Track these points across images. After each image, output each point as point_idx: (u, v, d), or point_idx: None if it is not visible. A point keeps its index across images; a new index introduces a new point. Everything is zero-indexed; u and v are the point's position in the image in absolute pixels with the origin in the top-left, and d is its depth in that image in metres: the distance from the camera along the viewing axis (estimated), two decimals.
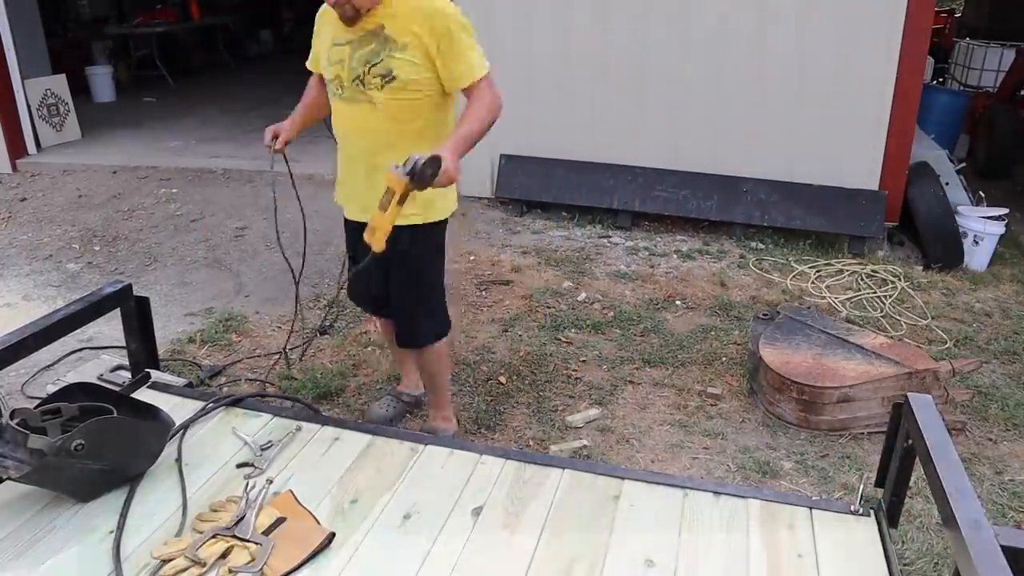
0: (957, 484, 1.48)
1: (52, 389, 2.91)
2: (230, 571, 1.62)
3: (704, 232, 5.40)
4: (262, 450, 2.07)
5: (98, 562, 1.68)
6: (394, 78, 2.41)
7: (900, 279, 4.64)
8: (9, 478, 1.75)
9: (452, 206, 2.74)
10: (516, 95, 5.58)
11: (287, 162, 3.11)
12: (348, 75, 2.47)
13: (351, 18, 2.39)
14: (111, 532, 1.77)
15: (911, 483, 1.94)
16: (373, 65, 2.42)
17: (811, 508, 1.91)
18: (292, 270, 3.29)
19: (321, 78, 2.72)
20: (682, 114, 5.40)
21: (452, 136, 2.37)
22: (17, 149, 6.52)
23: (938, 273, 4.85)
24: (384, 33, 2.40)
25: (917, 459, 1.71)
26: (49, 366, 3.49)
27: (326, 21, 2.58)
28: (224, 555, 1.66)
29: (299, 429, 2.17)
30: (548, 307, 4.27)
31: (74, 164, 6.45)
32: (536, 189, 5.63)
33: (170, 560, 1.66)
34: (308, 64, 2.80)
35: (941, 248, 4.97)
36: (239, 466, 2.02)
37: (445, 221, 2.73)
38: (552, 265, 4.82)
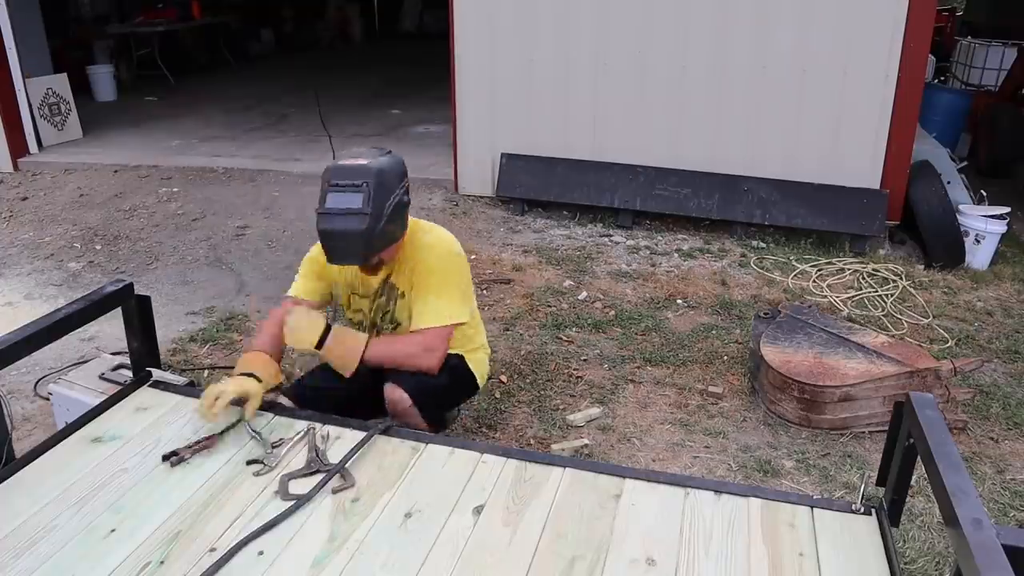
0: (958, 483, 1.48)
1: (54, 388, 2.91)
2: None
3: (705, 231, 5.39)
4: (272, 447, 2.07)
5: (98, 562, 1.68)
6: (399, 324, 2.56)
7: (901, 278, 4.64)
8: None
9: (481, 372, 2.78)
10: (517, 94, 5.61)
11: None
12: (368, 323, 2.62)
13: (374, 268, 2.46)
14: (112, 531, 1.77)
15: (912, 482, 1.93)
16: (384, 314, 2.58)
17: (812, 507, 1.90)
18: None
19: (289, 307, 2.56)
20: (683, 113, 5.40)
21: (375, 340, 2.43)
22: (18, 148, 6.53)
23: (939, 272, 4.85)
24: (390, 283, 2.50)
25: (918, 458, 1.71)
26: (60, 369, 3.49)
27: (338, 269, 2.50)
28: None
29: (311, 428, 2.17)
30: (549, 306, 4.27)
31: (75, 163, 6.46)
32: (537, 188, 5.63)
33: None
34: (292, 291, 2.63)
35: (942, 247, 4.96)
36: (249, 463, 2.02)
37: (469, 372, 2.72)
38: (553, 264, 4.82)
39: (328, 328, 2.33)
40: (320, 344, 2.31)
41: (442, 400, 2.62)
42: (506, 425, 3.25)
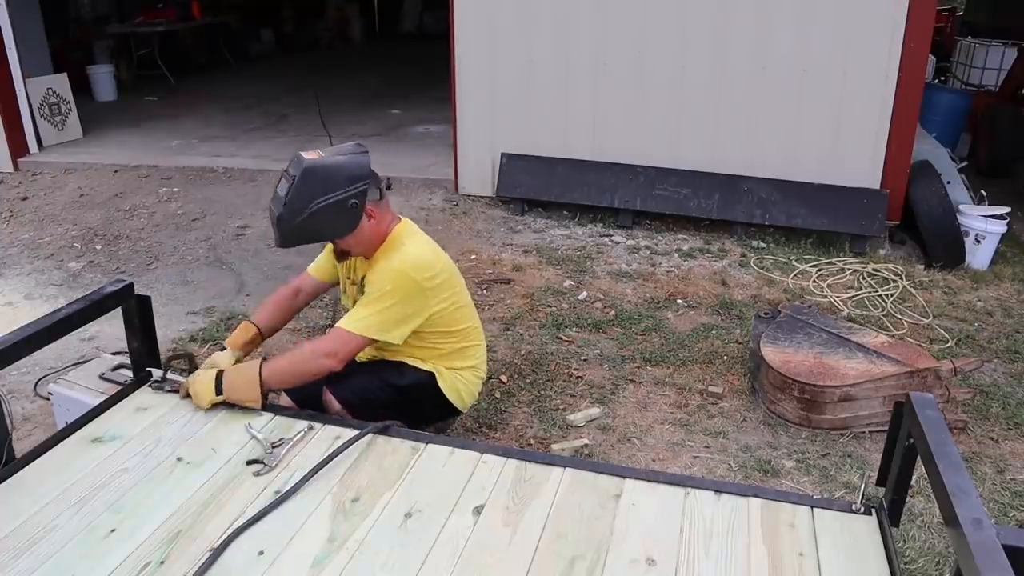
0: (958, 483, 1.48)
1: (54, 388, 2.91)
2: None
3: (705, 231, 5.39)
4: (272, 447, 2.07)
5: (98, 562, 1.68)
6: None
7: (901, 278, 4.64)
8: None
9: (462, 393, 2.74)
10: (517, 94, 5.61)
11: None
12: (350, 303, 2.62)
13: (340, 255, 2.53)
14: (112, 531, 1.77)
15: (912, 482, 1.93)
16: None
17: (812, 507, 1.90)
18: None
19: (300, 287, 2.75)
20: (683, 113, 5.40)
21: (268, 362, 2.37)
22: (19, 148, 6.53)
23: (940, 272, 4.85)
24: (362, 283, 2.51)
25: (919, 458, 1.71)
26: (60, 369, 3.48)
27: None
28: None
29: (311, 428, 2.17)
30: (549, 306, 4.27)
31: (75, 163, 6.46)
32: (537, 188, 5.63)
33: None
34: (312, 271, 2.76)
35: (943, 247, 4.96)
36: (249, 463, 2.02)
37: (443, 397, 2.69)
38: (553, 264, 4.82)
39: (220, 373, 2.28)
40: (219, 390, 2.24)
41: (393, 412, 2.37)
42: (506, 425, 3.25)
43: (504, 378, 3.56)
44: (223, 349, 2.55)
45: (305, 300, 2.78)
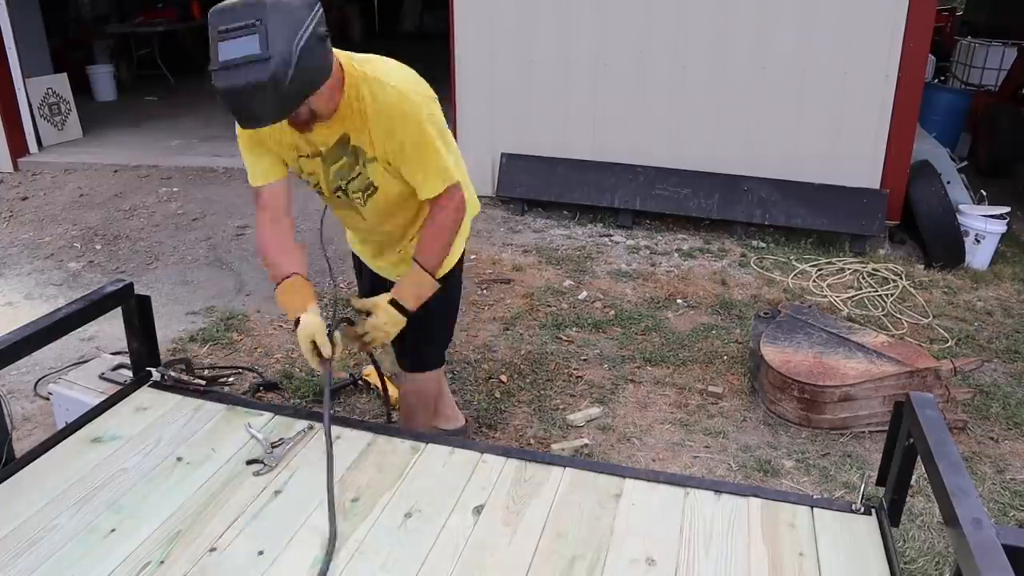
0: (958, 483, 1.48)
1: (54, 388, 2.92)
2: None
3: (705, 231, 5.39)
4: (272, 447, 2.07)
5: (98, 562, 1.68)
6: (376, 189, 2.23)
7: (901, 278, 4.64)
8: None
9: (457, 253, 2.50)
10: (517, 94, 5.60)
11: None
12: (328, 187, 2.27)
13: (304, 123, 2.00)
14: (112, 531, 1.77)
15: (912, 482, 1.93)
16: (350, 180, 2.21)
17: (812, 507, 1.90)
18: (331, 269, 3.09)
19: (279, 206, 2.26)
20: (683, 113, 5.40)
21: (406, 277, 2.20)
22: (19, 148, 6.53)
23: (939, 272, 4.85)
24: (351, 145, 2.13)
25: (918, 458, 1.71)
26: (60, 369, 3.49)
27: (272, 131, 2.11)
28: None
29: (311, 428, 2.17)
30: (549, 306, 4.27)
31: (75, 163, 6.46)
32: (537, 188, 5.63)
33: None
34: (255, 181, 2.24)
35: (942, 247, 4.96)
36: (249, 463, 2.02)
37: (454, 269, 2.49)
38: (553, 264, 4.82)
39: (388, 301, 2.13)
40: (404, 310, 2.12)
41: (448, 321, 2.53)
42: (506, 425, 3.25)
43: (504, 378, 3.56)
44: (300, 318, 2.09)
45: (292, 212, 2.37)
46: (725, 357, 3.76)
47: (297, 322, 2.08)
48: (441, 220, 2.22)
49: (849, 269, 4.77)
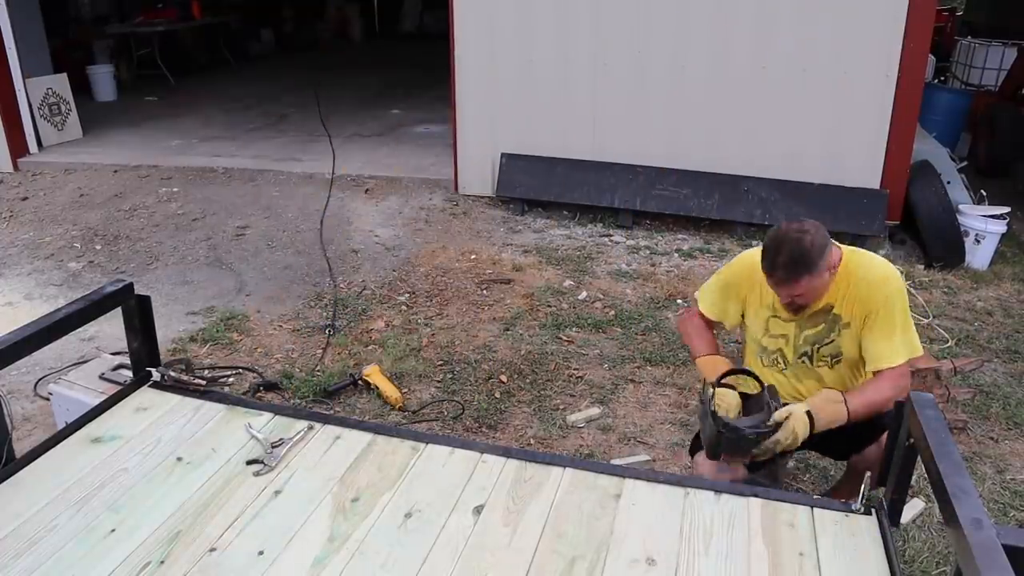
0: (958, 483, 1.48)
1: (54, 388, 2.92)
2: None
3: (705, 231, 5.39)
4: (272, 447, 2.07)
5: (98, 562, 1.68)
6: (842, 357, 2.35)
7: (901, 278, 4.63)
8: None
9: None
10: (517, 94, 5.60)
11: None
12: (793, 352, 2.42)
13: (797, 310, 2.31)
14: (112, 531, 1.77)
15: (912, 482, 1.93)
16: (823, 346, 2.36)
17: (812, 507, 1.90)
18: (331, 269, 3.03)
19: (711, 324, 2.56)
20: (683, 113, 5.40)
21: (825, 398, 2.22)
22: (19, 148, 6.53)
23: (939, 272, 4.85)
24: (833, 313, 2.32)
25: (919, 458, 1.71)
26: (60, 369, 3.49)
27: (757, 287, 2.42)
28: None
29: (311, 428, 2.17)
30: (549, 306, 4.27)
31: (75, 163, 6.46)
32: (537, 188, 5.63)
33: None
34: (708, 312, 2.55)
35: (942, 247, 4.96)
36: (249, 463, 2.02)
37: None
38: (553, 264, 4.82)
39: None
40: (812, 425, 2.15)
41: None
42: (506, 425, 3.25)
43: (504, 378, 3.56)
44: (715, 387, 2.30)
45: None
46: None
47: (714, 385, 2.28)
48: (885, 388, 2.23)
49: None
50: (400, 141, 7.17)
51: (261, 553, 1.72)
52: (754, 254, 2.40)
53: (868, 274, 2.28)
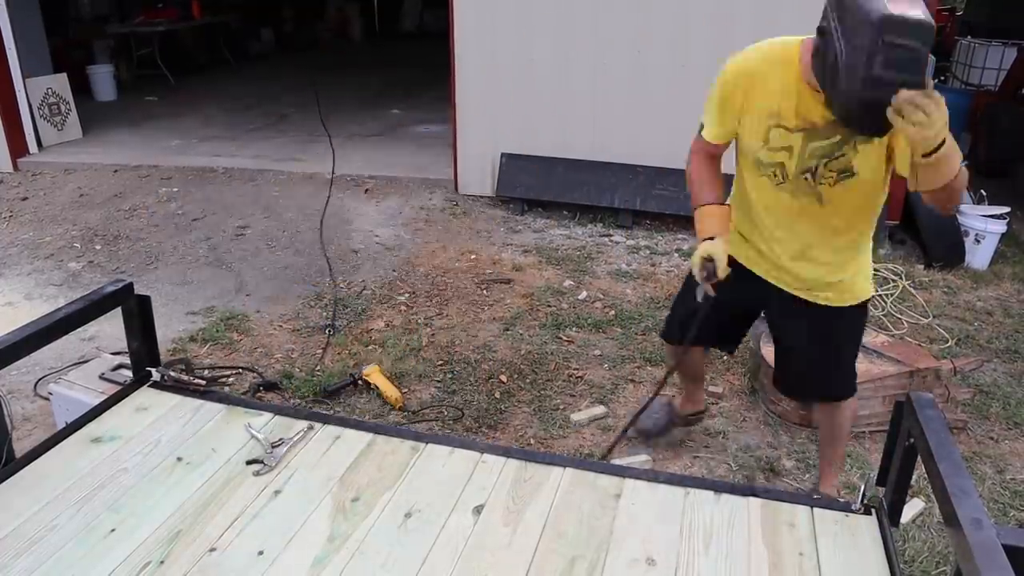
0: (958, 483, 1.48)
1: (54, 388, 2.92)
2: None
3: None
4: (272, 447, 2.07)
5: (98, 562, 1.68)
6: (853, 175, 2.11)
7: (901, 278, 4.63)
8: None
9: (871, 289, 2.42)
10: (517, 94, 5.60)
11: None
12: (796, 166, 2.15)
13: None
14: (112, 531, 1.77)
15: (912, 482, 1.93)
16: (831, 159, 2.11)
17: (812, 507, 1.90)
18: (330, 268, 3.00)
19: (715, 152, 2.37)
20: (683, 112, 5.38)
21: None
22: (18, 148, 6.52)
23: (939, 272, 4.85)
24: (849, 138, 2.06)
25: (919, 458, 1.71)
26: (60, 369, 3.48)
27: (758, 92, 2.17)
28: None
29: (311, 428, 2.17)
30: (549, 306, 4.27)
31: (75, 163, 6.46)
32: (537, 188, 5.63)
33: None
34: (710, 135, 2.35)
35: (942, 247, 4.96)
36: (249, 463, 2.02)
37: (866, 304, 2.43)
38: (553, 264, 4.82)
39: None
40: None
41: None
42: (506, 425, 3.25)
43: (504, 378, 3.56)
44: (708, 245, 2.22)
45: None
46: (725, 357, 3.75)
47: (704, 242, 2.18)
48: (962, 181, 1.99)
49: None
50: (400, 141, 7.17)
51: (261, 553, 1.72)
52: (745, 56, 2.23)
53: None
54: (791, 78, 2.10)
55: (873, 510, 1.88)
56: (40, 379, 3.48)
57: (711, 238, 2.25)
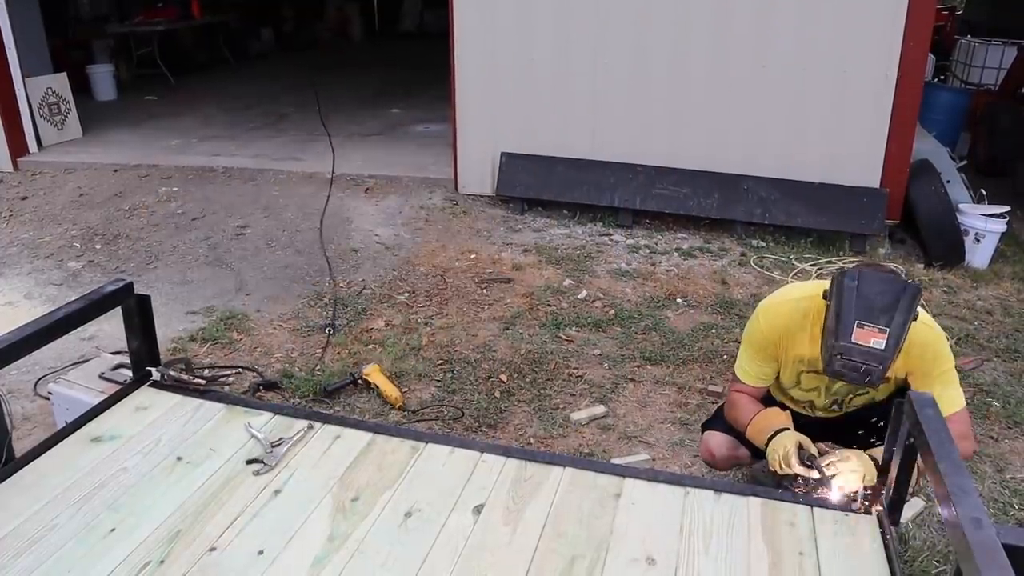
0: (958, 482, 1.48)
1: (53, 387, 2.92)
2: None
3: (705, 230, 5.39)
4: (272, 447, 2.07)
5: (98, 561, 1.68)
6: (874, 402, 2.43)
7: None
8: None
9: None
10: (517, 94, 5.60)
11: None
12: (824, 400, 2.46)
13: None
14: (112, 530, 1.77)
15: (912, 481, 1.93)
16: (856, 396, 2.42)
17: (812, 506, 1.90)
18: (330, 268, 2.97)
19: (757, 395, 2.49)
20: (683, 112, 5.40)
21: None
22: (18, 148, 6.52)
23: (939, 271, 4.85)
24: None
25: (919, 457, 1.71)
26: (60, 369, 3.48)
27: (791, 343, 2.36)
28: None
29: (311, 427, 2.17)
30: (549, 305, 4.27)
31: (75, 163, 6.45)
32: (537, 187, 5.63)
33: None
34: (755, 383, 2.47)
35: (942, 246, 4.96)
36: (249, 462, 2.02)
37: None
38: (553, 263, 4.82)
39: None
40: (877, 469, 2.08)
41: None
42: (506, 424, 3.25)
43: (504, 377, 3.56)
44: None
45: None
46: (725, 356, 3.75)
47: (775, 434, 2.25)
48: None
49: None
50: (400, 140, 7.16)
51: (261, 552, 1.72)
52: (775, 309, 2.40)
53: (918, 335, 2.17)
54: (819, 329, 2.26)
55: (873, 509, 1.88)
56: (40, 379, 3.48)
57: (781, 430, 2.29)
